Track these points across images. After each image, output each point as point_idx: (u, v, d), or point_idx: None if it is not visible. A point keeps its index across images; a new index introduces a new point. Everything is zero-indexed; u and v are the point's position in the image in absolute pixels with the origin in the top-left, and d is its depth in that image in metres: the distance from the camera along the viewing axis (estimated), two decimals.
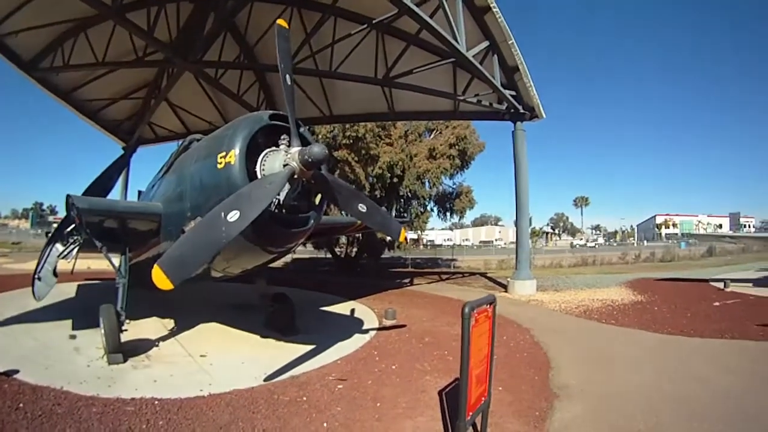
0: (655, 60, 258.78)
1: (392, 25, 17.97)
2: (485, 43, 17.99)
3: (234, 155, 6.20)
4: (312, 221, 6.85)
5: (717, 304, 15.69)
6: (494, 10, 16.96)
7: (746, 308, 14.65)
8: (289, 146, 6.12)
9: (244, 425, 5.14)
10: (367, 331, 10.41)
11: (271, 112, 6.77)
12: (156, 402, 5.66)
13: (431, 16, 14.64)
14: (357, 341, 9.44)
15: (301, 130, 6.53)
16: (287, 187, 6.12)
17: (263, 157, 6.38)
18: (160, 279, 5.00)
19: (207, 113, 25.14)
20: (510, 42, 18.07)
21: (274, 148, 6.42)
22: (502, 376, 7.44)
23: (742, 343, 10.30)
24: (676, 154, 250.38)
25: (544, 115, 20.34)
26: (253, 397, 5.99)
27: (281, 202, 6.32)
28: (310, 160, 5.70)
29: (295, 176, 5.90)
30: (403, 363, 7.98)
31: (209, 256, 5.61)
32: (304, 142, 6.18)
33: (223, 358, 7.88)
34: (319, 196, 6.98)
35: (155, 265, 5.07)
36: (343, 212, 8.33)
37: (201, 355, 7.99)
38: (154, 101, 24.21)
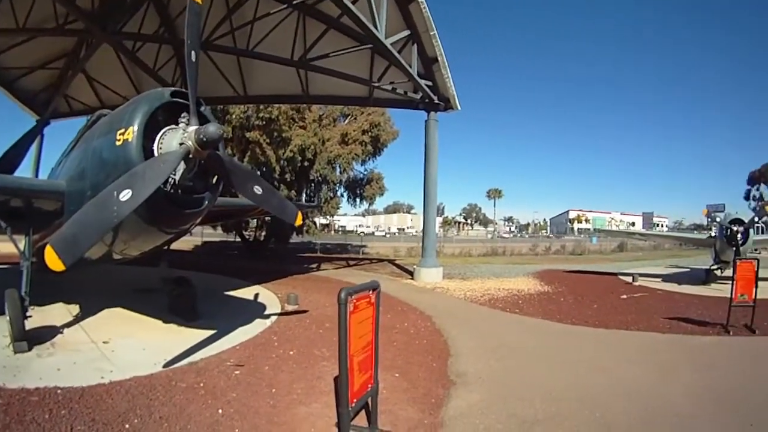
0: (571, 57, 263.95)
1: (314, 7, 17.89)
2: (406, 32, 18.16)
3: (132, 132, 6.01)
4: (206, 202, 6.71)
5: (624, 296, 16.21)
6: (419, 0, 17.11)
7: (654, 302, 15.16)
8: (188, 125, 5.97)
9: (141, 412, 5.09)
10: (268, 316, 10.37)
11: (173, 89, 6.53)
12: (59, 391, 5.53)
13: (354, 2, 14.60)
14: (257, 326, 9.41)
15: (202, 108, 6.36)
16: (182, 166, 6.00)
17: (162, 135, 6.19)
18: (51, 259, 4.88)
19: (123, 88, 23.95)
20: (432, 33, 18.28)
21: (173, 126, 6.23)
22: (400, 362, 7.60)
23: (648, 335, 10.63)
24: (593, 153, 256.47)
25: (459, 107, 20.74)
26: (152, 384, 5.91)
27: (176, 182, 6.17)
28: (205, 139, 5.58)
29: (191, 156, 5.78)
30: (301, 348, 7.99)
31: (100, 236, 5.48)
32: (204, 122, 6.00)
33: (125, 345, 7.71)
34: (216, 177, 6.80)
35: (47, 245, 4.95)
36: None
37: (104, 342, 7.79)
38: (71, 72, 23.11)
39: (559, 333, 10.74)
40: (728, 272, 17.75)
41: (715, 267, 21.18)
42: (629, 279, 21.13)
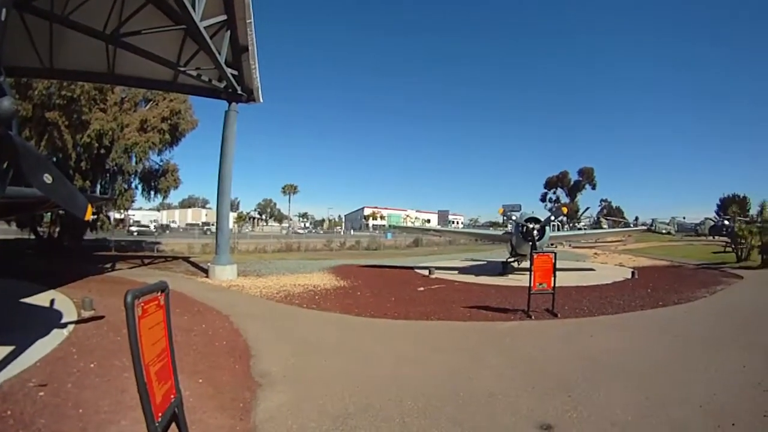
0: (370, 54, 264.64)
1: None
2: (222, 17, 17.90)
3: None
4: None
5: (422, 289, 17.29)
6: None
7: (452, 293, 16.30)
8: None
9: None
10: (65, 326, 9.81)
11: None
12: None
13: None
14: (56, 338, 8.84)
15: (1, 79, 5.62)
16: None
17: None
18: None
19: None
20: (248, 21, 18.27)
21: None
22: (202, 367, 7.57)
23: (450, 323, 11.52)
24: (388, 152, 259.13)
25: (261, 100, 20.89)
26: None
27: None
28: None
29: None
30: (101, 360, 7.65)
31: None
32: (1, 95, 5.10)
33: None
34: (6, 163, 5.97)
35: None
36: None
37: None
38: None
39: (359, 326, 11.27)
40: (525, 264, 19.75)
41: (511, 260, 23.39)
42: (425, 272, 22.35)
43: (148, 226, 75.50)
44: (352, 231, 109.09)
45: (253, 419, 5.73)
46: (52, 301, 12.20)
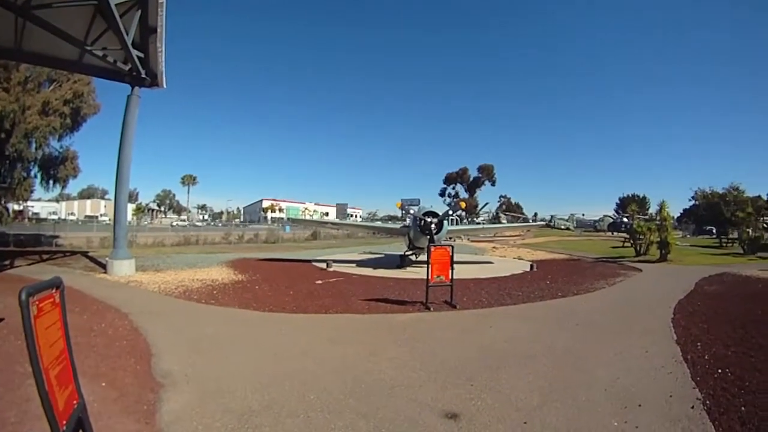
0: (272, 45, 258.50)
1: None
2: None
3: None
4: None
5: (320, 282, 17.40)
6: None
7: (350, 286, 16.50)
8: None
9: None
10: None
11: None
12: None
13: None
14: None
15: None
16: None
17: None
18: None
19: None
20: (160, 2, 17.66)
21: None
22: (104, 369, 7.34)
23: (348, 316, 11.67)
24: (286, 146, 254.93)
25: (165, 86, 20.44)
26: None
27: None
28: None
29: None
30: (3, 367, 7.23)
31: None
32: None
33: None
34: None
35: None
36: None
37: None
38: None
39: (258, 321, 11.26)
40: (423, 257, 19.96)
41: (409, 253, 23.89)
42: (323, 265, 22.67)
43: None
44: (250, 224, 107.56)
45: (158, 422, 5.63)
46: None
